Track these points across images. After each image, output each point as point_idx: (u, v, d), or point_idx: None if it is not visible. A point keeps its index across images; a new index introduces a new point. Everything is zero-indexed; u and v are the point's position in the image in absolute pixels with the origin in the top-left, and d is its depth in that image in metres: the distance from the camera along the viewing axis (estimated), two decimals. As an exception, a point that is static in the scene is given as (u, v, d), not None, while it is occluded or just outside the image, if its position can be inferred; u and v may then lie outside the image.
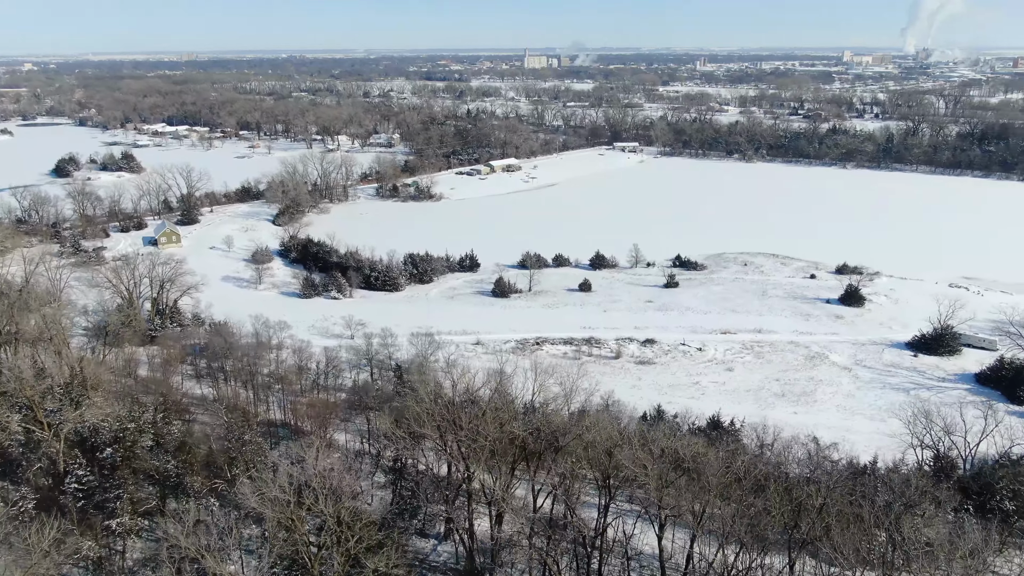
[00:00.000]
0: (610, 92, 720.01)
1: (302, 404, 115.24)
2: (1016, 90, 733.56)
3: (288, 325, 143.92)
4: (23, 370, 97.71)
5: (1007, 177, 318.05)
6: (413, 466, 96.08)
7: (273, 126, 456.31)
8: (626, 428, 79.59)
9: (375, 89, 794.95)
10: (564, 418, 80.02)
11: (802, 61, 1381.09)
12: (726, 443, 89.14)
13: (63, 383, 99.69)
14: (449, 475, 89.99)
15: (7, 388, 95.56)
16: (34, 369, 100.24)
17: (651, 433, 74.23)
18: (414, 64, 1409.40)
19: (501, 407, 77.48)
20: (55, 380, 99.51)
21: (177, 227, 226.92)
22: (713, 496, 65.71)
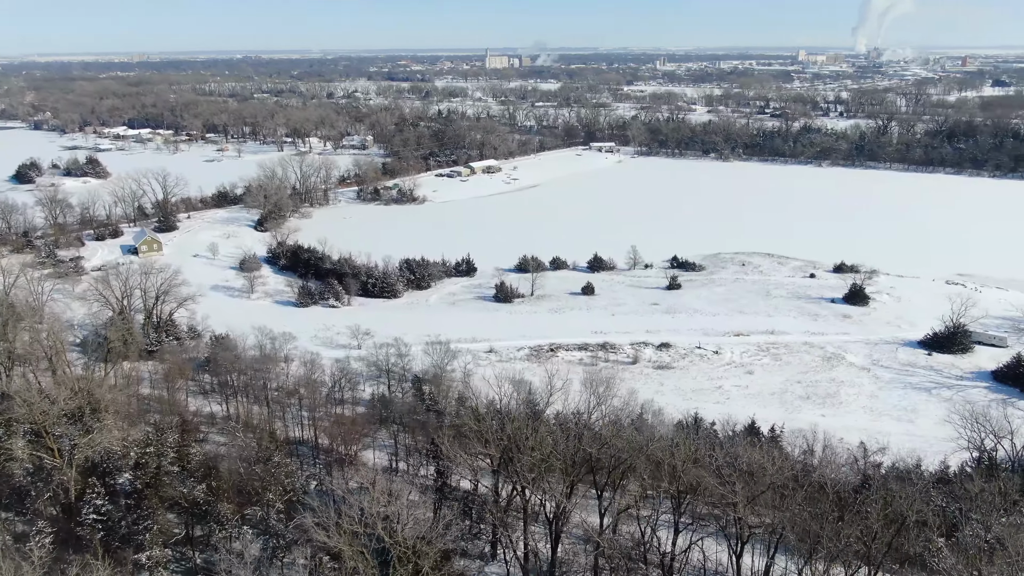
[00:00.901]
0: (577, 92, 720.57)
1: (324, 420, 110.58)
2: (969, 88, 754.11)
3: (293, 336, 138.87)
4: (32, 392, 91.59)
5: (978, 174, 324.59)
6: (455, 484, 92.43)
7: (240, 128, 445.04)
8: (696, 441, 76.62)
9: (339, 90, 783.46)
10: (629, 432, 76.73)
11: (759, 60, 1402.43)
12: (779, 451, 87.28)
13: (73, 406, 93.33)
14: (497, 493, 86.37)
15: (16, 413, 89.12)
16: (36, 391, 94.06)
17: (732, 446, 71.40)
18: (373, 64, 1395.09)
19: (568, 422, 73.77)
20: (63, 403, 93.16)
21: (157, 234, 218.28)
22: (801, 510, 63.29)
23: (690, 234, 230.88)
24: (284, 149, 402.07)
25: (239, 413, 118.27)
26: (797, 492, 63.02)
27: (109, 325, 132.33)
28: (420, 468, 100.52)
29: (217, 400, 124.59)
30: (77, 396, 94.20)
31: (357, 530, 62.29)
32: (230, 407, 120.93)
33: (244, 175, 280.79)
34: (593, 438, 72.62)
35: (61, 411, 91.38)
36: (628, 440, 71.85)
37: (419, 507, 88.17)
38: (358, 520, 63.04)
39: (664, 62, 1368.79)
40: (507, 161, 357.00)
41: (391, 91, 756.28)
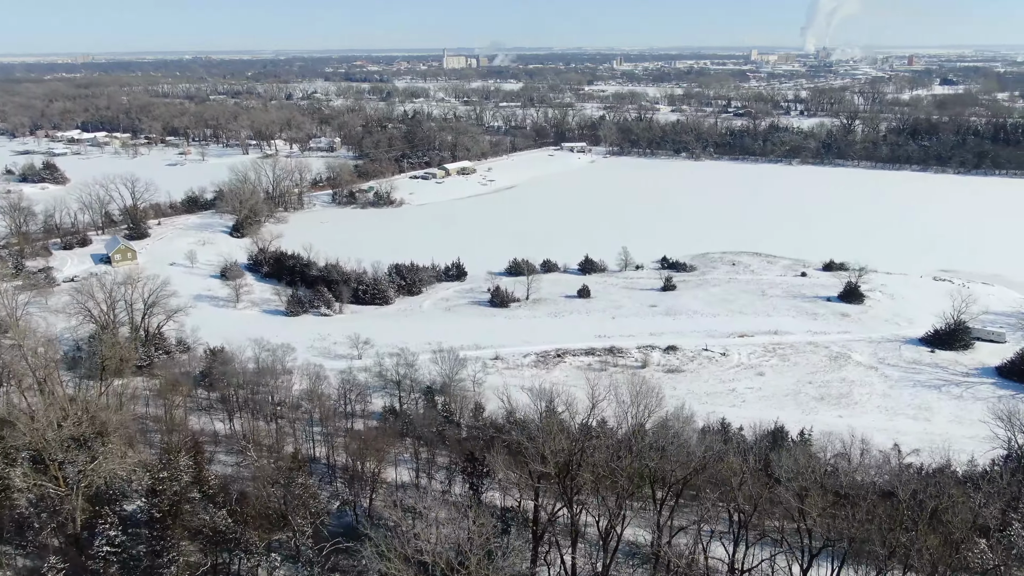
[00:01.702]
0: (540, 92, 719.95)
1: (338, 435, 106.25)
2: (920, 87, 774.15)
3: (292, 348, 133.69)
4: (38, 416, 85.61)
5: (943, 171, 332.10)
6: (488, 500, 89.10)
7: (202, 131, 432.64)
8: (756, 451, 74.59)
9: (297, 91, 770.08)
10: (689, 445, 74.33)
11: (713, 60, 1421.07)
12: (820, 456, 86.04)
13: (80, 430, 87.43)
14: (537, 510, 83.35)
15: (19, 440, 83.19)
16: (42, 414, 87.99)
17: (800, 460, 69.43)
18: (328, 65, 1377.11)
19: (631, 438, 71.03)
20: (69, 427, 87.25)
21: (129, 243, 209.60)
22: (878, 523, 61.64)
23: (674, 234, 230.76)
24: (249, 152, 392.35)
25: (244, 430, 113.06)
26: (877, 502, 61.22)
27: (98, 339, 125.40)
28: (442, 482, 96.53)
29: (219, 417, 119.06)
30: (83, 419, 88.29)
31: (426, 560, 58.70)
32: (233, 424, 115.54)
33: (213, 179, 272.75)
34: (652, 451, 69.95)
35: (68, 436, 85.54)
36: (692, 453, 69.34)
37: (486, 533, 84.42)
38: (427, 550, 59.39)
39: (621, 62, 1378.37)
40: (481, 162, 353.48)
41: (351, 92, 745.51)
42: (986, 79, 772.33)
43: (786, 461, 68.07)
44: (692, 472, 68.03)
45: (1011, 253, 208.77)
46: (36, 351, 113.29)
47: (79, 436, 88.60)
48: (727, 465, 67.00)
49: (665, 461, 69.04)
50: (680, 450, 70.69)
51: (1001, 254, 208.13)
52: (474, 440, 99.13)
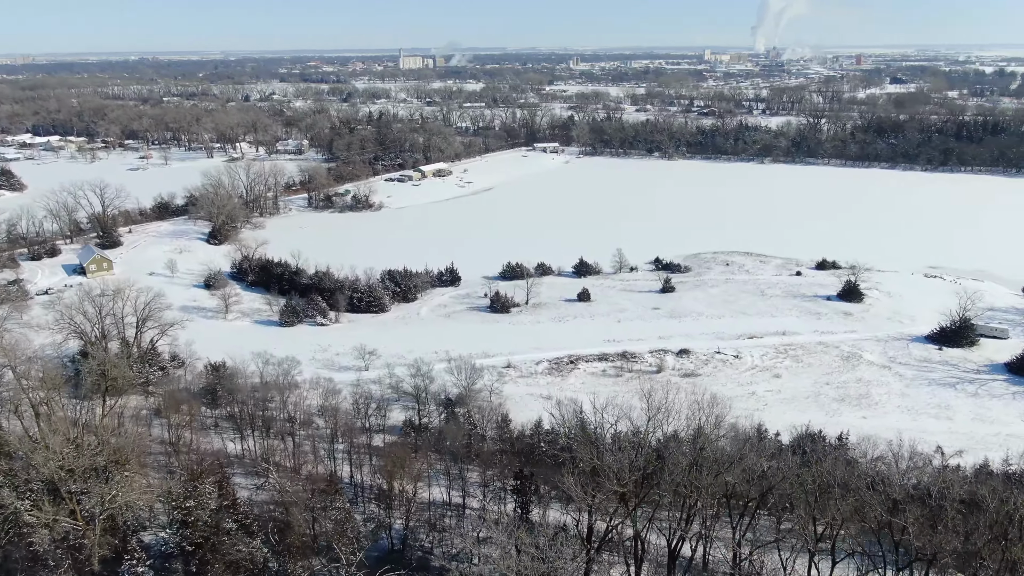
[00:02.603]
0: (502, 92, 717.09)
1: (359, 452, 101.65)
2: (873, 86, 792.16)
3: (297, 361, 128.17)
4: (52, 444, 79.37)
5: (911, 168, 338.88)
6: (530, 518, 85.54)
7: (162, 134, 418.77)
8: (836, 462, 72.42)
9: (254, 92, 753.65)
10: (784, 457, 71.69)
11: (667, 60, 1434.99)
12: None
13: (101, 459, 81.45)
14: (591, 528, 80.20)
15: (39, 471, 77.08)
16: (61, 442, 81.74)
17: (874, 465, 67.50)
18: (281, 66, 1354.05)
19: (714, 452, 68.15)
20: (89, 455, 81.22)
21: (103, 252, 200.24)
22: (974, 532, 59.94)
23: (660, 234, 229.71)
24: (214, 155, 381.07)
25: (258, 450, 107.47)
26: (972, 513, 59.51)
27: (92, 357, 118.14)
28: (482, 500, 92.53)
29: (228, 435, 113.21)
30: (101, 447, 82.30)
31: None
32: (246, 443, 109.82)
33: (180, 184, 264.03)
34: (729, 464, 67.27)
35: (88, 465, 79.65)
36: (780, 468, 66.88)
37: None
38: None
39: (577, 61, 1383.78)
40: (455, 164, 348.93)
41: (310, 93, 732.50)
42: (934, 78, 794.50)
43: (869, 470, 66.01)
44: (775, 485, 65.64)
45: (993, 249, 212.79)
46: (29, 372, 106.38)
47: (95, 465, 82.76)
48: (813, 476, 64.60)
49: (744, 474, 66.45)
50: (756, 462, 68.09)
51: (983, 250, 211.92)
52: (513, 455, 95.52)
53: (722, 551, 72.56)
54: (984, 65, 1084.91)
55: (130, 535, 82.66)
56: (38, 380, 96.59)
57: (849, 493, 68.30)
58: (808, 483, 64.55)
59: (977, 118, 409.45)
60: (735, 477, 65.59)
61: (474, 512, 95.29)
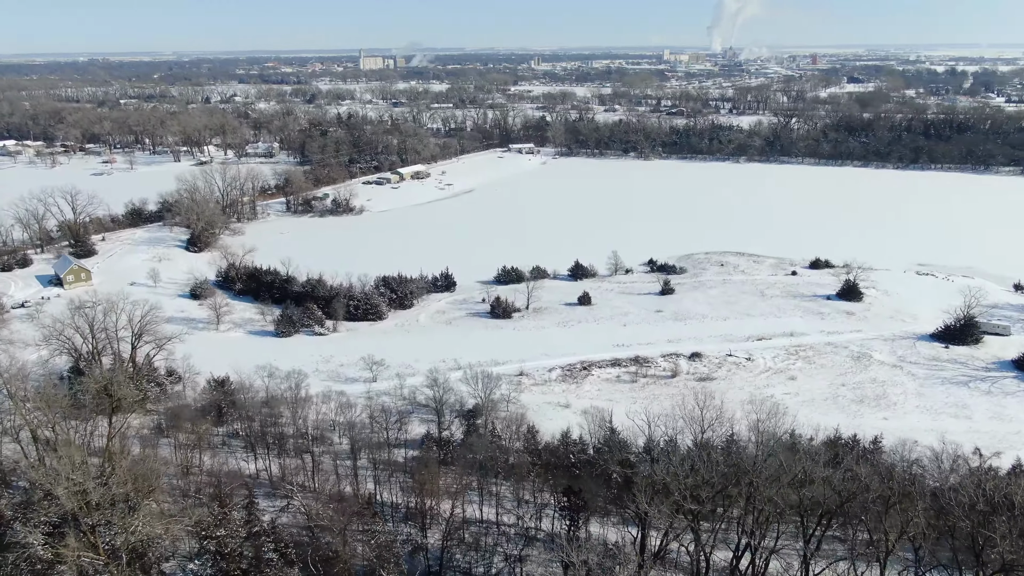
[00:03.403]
0: (468, 93, 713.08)
1: (379, 467, 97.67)
2: (832, 85, 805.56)
3: (305, 374, 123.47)
4: (75, 471, 73.95)
5: (883, 166, 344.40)
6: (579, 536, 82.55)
7: (125, 137, 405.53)
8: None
9: (215, 94, 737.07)
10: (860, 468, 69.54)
11: (627, 60, 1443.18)
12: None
13: (125, 489, 76.29)
14: (644, 542, 77.64)
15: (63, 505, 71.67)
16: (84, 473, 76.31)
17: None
18: (238, 67, 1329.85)
19: (790, 462, 65.91)
20: (115, 486, 76.09)
21: (80, 261, 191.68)
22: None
23: (650, 235, 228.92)
24: (181, 159, 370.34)
25: (273, 468, 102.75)
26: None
27: (106, 374, 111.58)
28: (521, 517, 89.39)
29: (239, 455, 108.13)
30: (126, 475, 77.15)
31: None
32: (264, 462, 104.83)
33: (151, 189, 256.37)
34: (798, 476, 65.17)
35: (112, 496, 74.52)
36: (845, 477, 64.91)
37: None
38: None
39: (539, 62, 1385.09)
40: (432, 165, 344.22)
41: (273, 94, 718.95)
42: (891, 77, 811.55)
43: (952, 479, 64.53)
44: (855, 494, 63.72)
45: (976, 246, 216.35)
46: (25, 393, 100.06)
47: (116, 495, 77.55)
48: (897, 488, 62.81)
49: (819, 487, 64.39)
50: (829, 473, 66.11)
51: (967, 247, 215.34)
52: (557, 469, 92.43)
53: (781, 563, 70.42)
54: (934, 64, 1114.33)
55: (154, 567, 77.82)
56: (40, 402, 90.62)
57: (912, 501, 66.96)
58: (884, 492, 62.68)
59: (939, 116, 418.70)
60: (817, 489, 63.46)
61: (509, 528, 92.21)
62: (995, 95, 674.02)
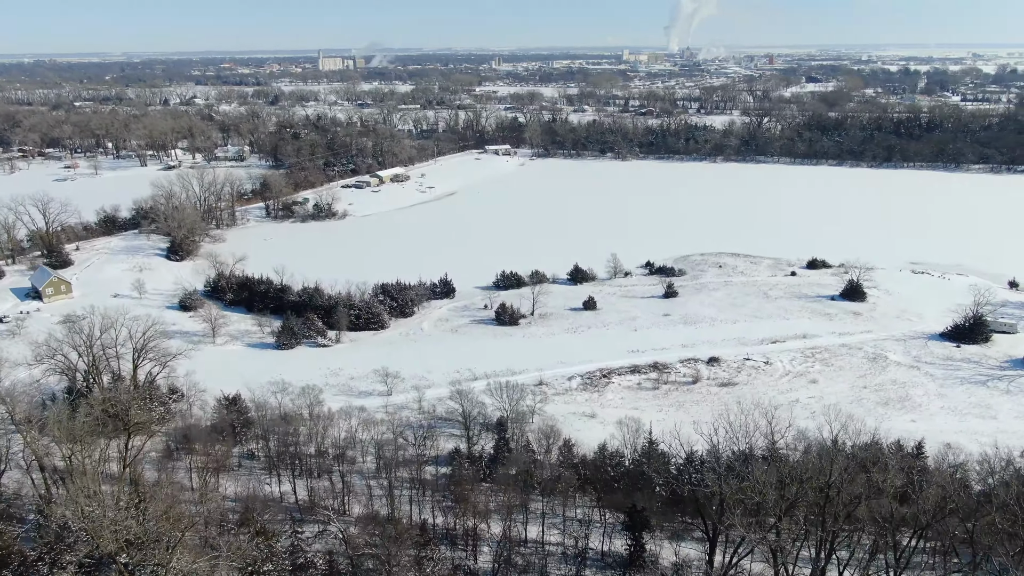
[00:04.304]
0: (435, 94, 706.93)
1: (404, 486, 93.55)
2: (792, 84, 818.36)
3: (320, 389, 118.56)
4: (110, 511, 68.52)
5: (857, 164, 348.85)
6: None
7: (85, 141, 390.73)
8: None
9: (173, 96, 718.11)
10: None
11: (587, 60, 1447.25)
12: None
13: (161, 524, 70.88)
14: (711, 559, 74.93)
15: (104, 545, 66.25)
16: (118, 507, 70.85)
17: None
18: (192, 68, 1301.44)
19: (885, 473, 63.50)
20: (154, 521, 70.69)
21: (58, 273, 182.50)
22: None
23: (641, 237, 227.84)
24: (147, 163, 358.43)
25: (297, 491, 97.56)
26: None
27: (124, 396, 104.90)
28: (573, 535, 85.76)
29: (256, 476, 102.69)
30: (163, 510, 71.73)
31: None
32: (281, 484, 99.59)
33: (120, 195, 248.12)
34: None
35: (146, 531, 69.28)
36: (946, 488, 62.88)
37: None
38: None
39: (500, 62, 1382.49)
40: (411, 168, 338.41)
41: (234, 96, 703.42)
42: (850, 77, 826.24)
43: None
44: (947, 509, 61.75)
45: (962, 243, 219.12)
46: (31, 421, 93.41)
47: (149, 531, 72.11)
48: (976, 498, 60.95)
49: (919, 500, 62.31)
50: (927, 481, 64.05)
51: (954, 244, 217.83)
52: (610, 485, 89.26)
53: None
54: (886, 64, 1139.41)
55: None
56: (58, 431, 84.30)
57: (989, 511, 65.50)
58: (967, 503, 60.85)
59: (905, 116, 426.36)
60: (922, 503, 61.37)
61: (555, 547, 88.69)
62: (951, 94, 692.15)
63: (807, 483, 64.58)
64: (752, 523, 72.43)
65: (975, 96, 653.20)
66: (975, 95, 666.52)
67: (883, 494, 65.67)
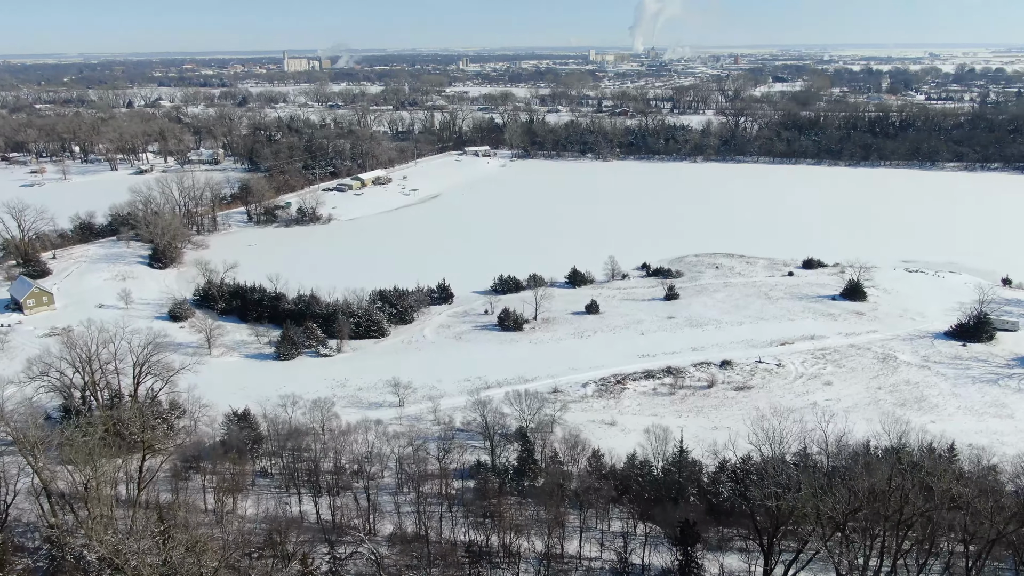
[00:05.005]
0: (406, 95, 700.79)
1: (432, 501, 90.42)
2: (760, 84, 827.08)
3: (332, 401, 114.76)
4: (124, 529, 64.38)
5: (835, 164, 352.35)
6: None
7: (50, 145, 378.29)
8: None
9: (137, 98, 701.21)
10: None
11: (554, 60, 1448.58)
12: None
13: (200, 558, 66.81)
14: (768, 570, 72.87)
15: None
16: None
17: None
18: (152, 68, 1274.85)
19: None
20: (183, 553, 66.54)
21: (39, 283, 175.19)
22: None
23: (632, 237, 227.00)
24: (118, 168, 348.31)
25: (319, 509, 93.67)
26: None
27: (138, 417, 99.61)
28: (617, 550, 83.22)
29: (272, 494, 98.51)
30: (193, 538, 67.58)
31: None
32: (302, 504, 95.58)
33: (92, 200, 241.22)
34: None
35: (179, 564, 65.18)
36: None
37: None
38: None
39: (467, 63, 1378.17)
40: (392, 170, 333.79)
41: (200, 97, 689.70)
42: (816, 77, 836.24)
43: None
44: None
45: (948, 240, 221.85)
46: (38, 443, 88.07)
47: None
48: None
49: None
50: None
51: (941, 242, 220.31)
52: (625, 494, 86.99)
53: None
54: (848, 64, 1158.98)
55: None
56: (76, 455, 79.29)
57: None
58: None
59: (876, 114, 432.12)
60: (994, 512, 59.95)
61: (592, 562, 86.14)
62: (915, 93, 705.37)
63: (875, 494, 62.80)
64: (813, 534, 70.92)
65: (939, 95, 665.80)
66: (939, 94, 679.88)
67: (951, 503, 64.15)
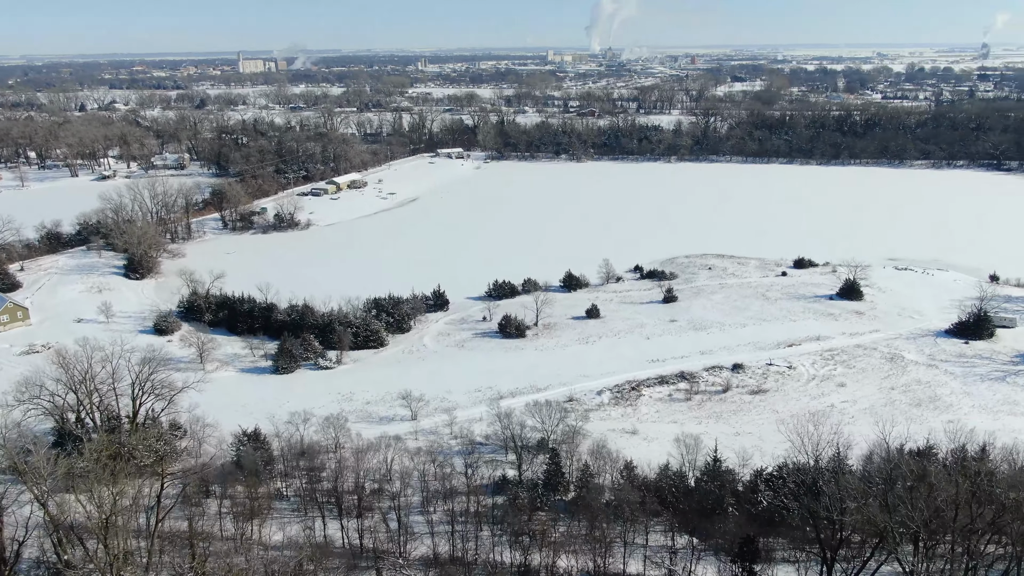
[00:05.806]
0: (368, 96, 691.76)
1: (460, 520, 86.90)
2: (720, 84, 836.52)
3: (345, 417, 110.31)
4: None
5: (807, 162, 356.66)
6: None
7: (4, 151, 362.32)
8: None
9: (90, 101, 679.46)
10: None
11: (512, 60, 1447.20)
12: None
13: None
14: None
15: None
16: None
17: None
18: (101, 71, 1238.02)
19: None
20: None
21: (10, 297, 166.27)
22: None
23: (622, 239, 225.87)
24: (79, 174, 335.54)
25: (345, 533, 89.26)
26: None
27: (154, 442, 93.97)
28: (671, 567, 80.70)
29: (288, 518, 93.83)
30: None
31: None
32: (327, 527, 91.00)
33: (60, 208, 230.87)
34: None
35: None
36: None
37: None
38: None
39: (425, 63, 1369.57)
40: (366, 173, 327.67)
41: (156, 100, 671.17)
42: (775, 76, 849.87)
43: None
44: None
45: (930, 237, 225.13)
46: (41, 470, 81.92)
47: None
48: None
49: None
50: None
51: (924, 239, 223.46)
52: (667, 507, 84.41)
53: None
54: (802, 63, 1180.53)
55: None
56: (89, 488, 73.64)
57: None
58: None
59: (836, 113, 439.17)
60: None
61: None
62: (871, 92, 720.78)
63: (955, 503, 61.22)
64: (879, 545, 69.21)
65: (895, 94, 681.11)
66: (894, 93, 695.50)
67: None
